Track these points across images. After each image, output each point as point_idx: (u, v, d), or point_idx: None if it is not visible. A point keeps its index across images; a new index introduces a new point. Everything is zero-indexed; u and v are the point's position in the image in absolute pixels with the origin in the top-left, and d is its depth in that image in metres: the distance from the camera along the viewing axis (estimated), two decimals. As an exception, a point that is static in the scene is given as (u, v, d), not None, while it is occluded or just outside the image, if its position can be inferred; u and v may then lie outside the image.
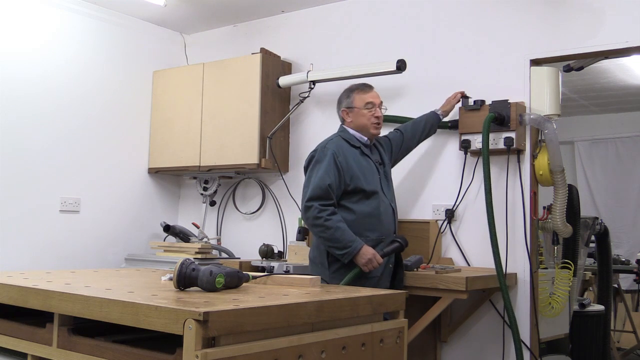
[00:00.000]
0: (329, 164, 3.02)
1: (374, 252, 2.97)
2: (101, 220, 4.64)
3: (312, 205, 2.98)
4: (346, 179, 3.04)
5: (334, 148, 3.07)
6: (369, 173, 3.12)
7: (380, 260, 2.99)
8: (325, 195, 2.99)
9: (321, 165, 3.04)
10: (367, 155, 3.18)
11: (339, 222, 2.97)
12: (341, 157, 3.05)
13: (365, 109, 3.19)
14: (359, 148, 3.16)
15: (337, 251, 2.98)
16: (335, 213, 2.99)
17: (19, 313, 2.04)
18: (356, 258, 2.95)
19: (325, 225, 2.95)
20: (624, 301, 5.91)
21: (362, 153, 3.16)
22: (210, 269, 1.93)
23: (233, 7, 4.65)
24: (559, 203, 3.50)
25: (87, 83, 4.59)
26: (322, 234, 2.98)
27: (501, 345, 3.56)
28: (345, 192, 3.06)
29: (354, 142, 3.17)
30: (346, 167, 3.04)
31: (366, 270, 2.97)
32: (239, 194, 4.84)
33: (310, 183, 3.05)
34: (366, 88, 3.26)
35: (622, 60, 5.41)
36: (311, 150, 3.20)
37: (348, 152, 3.10)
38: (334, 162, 3.02)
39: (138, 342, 1.71)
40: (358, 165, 3.09)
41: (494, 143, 3.48)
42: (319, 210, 2.96)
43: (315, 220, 2.97)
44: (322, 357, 1.77)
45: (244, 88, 4.43)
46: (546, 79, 3.55)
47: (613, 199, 7.83)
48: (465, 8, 3.89)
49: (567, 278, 3.69)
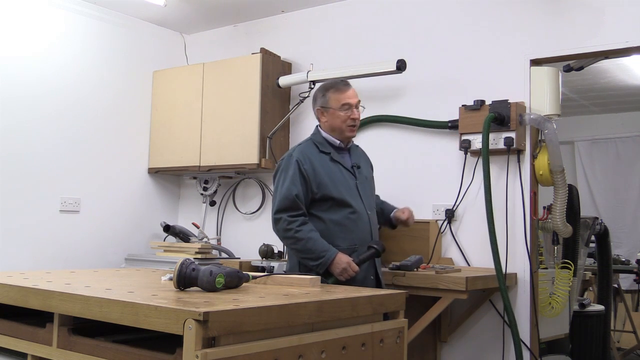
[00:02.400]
0: (294, 173, 2.89)
1: (348, 261, 2.84)
2: (101, 220, 4.64)
3: (280, 218, 2.87)
4: (313, 187, 2.90)
5: (299, 155, 2.93)
6: (339, 180, 2.97)
7: (356, 268, 2.85)
8: (293, 206, 2.86)
9: (287, 174, 2.91)
10: (338, 161, 3.01)
11: (310, 231, 2.85)
12: (307, 164, 2.91)
13: (341, 111, 3.00)
14: (329, 154, 3.01)
15: (311, 262, 2.85)
16: (305, 223, 2.87)
17: (19, 313, 2.05)
18: (331, 267, 2.82)
19: (295, 237, 2.84)
20: (624, 301, 5.91)
21: (332, 159, 3.00)
22: (210, 269, 1.93)
23: (233, 7, 4.65)
24: (559, 203, 3.50)
25: (87, 83, 4.59)
26: (294, 245, 2.88)
27: (501, 345, 3.56)
28: (314, 200, 2.92)
29: (325, 148, 3.02)
30: (312, 174, 2.90)
31: (342, 279, 2.84)
32: (239, 194, 4.84)
33: (277, 194, 2.93)
34: (342, 87, 3.06)
35: (622, 60, 5.41)
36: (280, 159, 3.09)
37: (316, 158, 2.96)
38: (299, 170, 2.89)
39: (138, 342, 1.72)
40: (327, 172, 2.95)
41: (494, 143, 3.48)
42: (288, 222, 2.85)
43: (285, 233, 2.87)
44: (322, 357, 1.77)
45: (244, 88, 4.43)
46: (546, 79, 3.55)
47: (613, 199, 7.82)
48: (465, 8, 3.89)
49: (567, 278, 3.69)
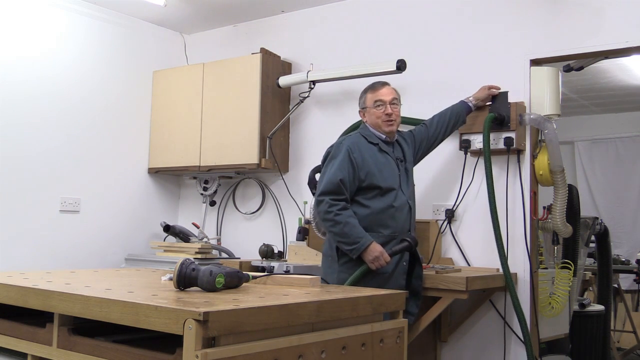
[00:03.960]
0: (343, 160, 3.02)
1: (381, 250, 2.95)
2: (101, 220, 4.64)
3: (323, 200, 2.99)
4: (361, 174, 3.03)
5: (349, 144, 3.07)
6: (387, 169, 3.10)
7: (388, 258, 2.96)
8: (336, 190, 2.98)
9: (335, 160, 3.05)
10: (386, 152, 3.14)
11: (349, 217, 2.96)
12: (356, 152, 3.04)
13: (375, 108, 3.15)
14: (377, 145, 3.14)
15: (346, 246, 2.97)
16: (346, 208, 2.98)
17: (19, 313, 2.04)
18: (364, 255, 2.94)
19: (335, 220, 2.95)
20: (624, 301, 5.91)
21: (381, 150, 3.13)
22: (210, 269, 1.93)
23: (233, 7, 4.65)
24: (559, 203, 3.50)
25: (87, 83, 4.59)
26: (332, 228, 2.98)
27: (501, 345, 3.56)
28: (360, 188, 3.04)
29: (372, 139, 3.14)
30: (361, 163, 3.03)
31: (373, 267, 2.95)
32: (239, 194, 4.84)
33: (323, 178, 3.06)
34: (377, 86, 3.23)
35: (622, 60, 5.41)
36: (328, 147, 3.21)
37: (365, 148, 3.09)
38: (349, 157, 3.02)
39: (138, 342, 1.71)
40: (375, 161, 3.08)
41: (494, 143, 3.48)
42: (329, 204, 2.96)
43: (325, 215, 2.98)
44: (322, 357, 1.77)
45: (244, 88, 4.43)
46: (546, 79, 3.55)
47: (613, 199, 7.82)
48: (465, 8, 3.89)
49: (567, 278, 3.69)
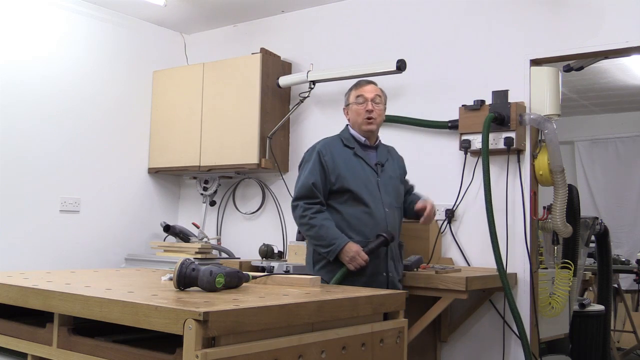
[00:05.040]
0: (314, 164, 3.02)
1: (357, 249, 2.91)
2: (101, 220, 4.64)
3: (297, 205, 3.01)
4: (331, 178, 3.00)
5: (320, 147, 3.06)
6: (360, 174, 3.05)
7: (365, 257, 2.91)
8: (310, 194, 2.99)
9: (307, 164, 3.05)
10: (361, 157, 3.10)
11: (325, 220, 2.95)
12: (327, 155, 3.02)
13: (356, 104, 3.12)
14: (353, 149, 3.10)
15: (322, 249, 2.95)
16: (321, 211, 2.98)
17: (19, 313, 2.04)
18: (340, 256, 2.91)
19: (309, 224, 2.96)
20: (624, 301, 5.91)
21: (356, 154, 3.09)
22: (210, 269, 1.93)
23: (233, 7, 4.65)
24: (559, 203, 3.50)
25: (88, 83, 4.59)
26: (308, 232, 2.99)
27: (501, 345, 3.56)
28: (332, 191, 3.02)
29: (350, 143, 3.11)
30: (332, 166, 3.01)
31: (352, 268, 2.91)
32: (239, 194, 4.84)
33: (297, 183, 3.08)
34: (362, 83, 3.21)
35: (622, 60, 5.41)
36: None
37: (338, 151, 3.07)
38: (319, 161, 3.01)
39: (138, 342, 1.71)
40: (347, 165, 3.04)
41: (494, 143, 3.48)
42: (304, 209, 2.98)
43: (300, 219, 3.00)
44: (322, 357, 1.77)
45: (244, 88, 4.43)
46: (546, 79, 3.55)
47: (613, 199, 7.83)
48: (465, 8, 3.89)
49: (567, 278, 3.69)
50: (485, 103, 3.57)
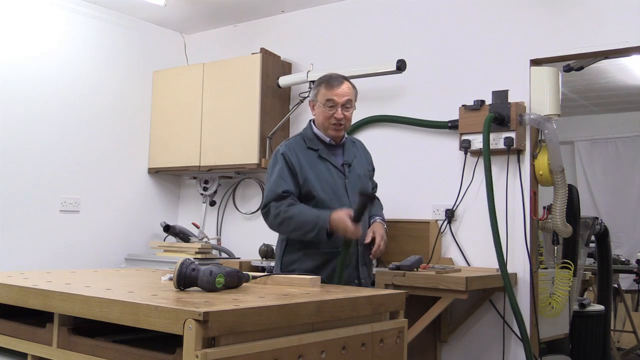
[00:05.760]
0: (281, 168, 2.82)
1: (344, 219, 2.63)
2: (101, 220, 4.64)
3: (267, 209, 2.79)
4: (300, 180, 2.81)
5: (285, 150, 2.86)
6: (325, 179, 2.85)
7: (352, 227, 2.63)
8: (279, 198, 2.77)
9: (274, 170, 2.85)
10: (326, 159, 2.89)
11: (300, 206, 2.75)
12: (293, 158, 2.83)
13: (325, 107, 2.85)
14: (317, 151, 2.89)
15: (311, 233, 2.70)
16: (293, 204, 2.75)
17: (19, 313, 2.04)
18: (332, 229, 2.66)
19: (286, 217, 2.73)
20: (624, 301, 5.91)
21: (320, 156, 2.88)
22: (210, 269, 1.93)
23: (233, 7, 4.65)
24: (559, 203, 3.50)
25: (88, 83, 4.59)
26: (289, 227, 2.76)
27: (501, 345, 3.56)
28: (299, 195, 2.82)
29: (313, 144, 2.90)
30: (299, 168, 2.82)
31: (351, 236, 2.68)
32: (239, 194, 4.84)
33: (265, 190, 2.88)
34: (334, 83, 2.88)
35: (622, 60, 5.41)
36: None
37: (303, 153, 2.87)
38: (286, 164, 2.82)
39: (138, 342, 1.71)
40: (312, 169, 2.85)
41: (494, 143, 3.48)
42: (275, 207, 2.75)
43: (275, 219, 2.76)
44: (322, 357, 1.77)
45: (244, 88, 4.43)
46: (546, 79, 3.55)
47: (613, 199, 7.83)
48: (465, 8, 3.89)
49: (567, 278, 3.69)
50: (485, 103, 3.57)
